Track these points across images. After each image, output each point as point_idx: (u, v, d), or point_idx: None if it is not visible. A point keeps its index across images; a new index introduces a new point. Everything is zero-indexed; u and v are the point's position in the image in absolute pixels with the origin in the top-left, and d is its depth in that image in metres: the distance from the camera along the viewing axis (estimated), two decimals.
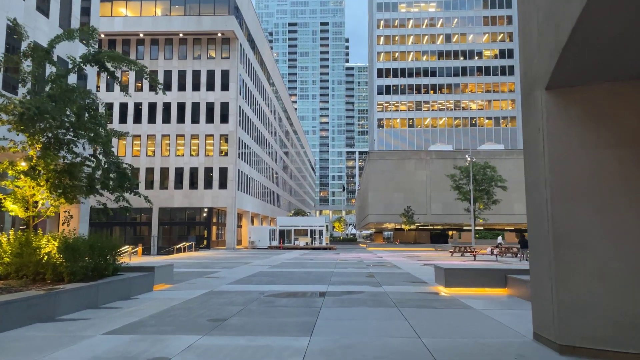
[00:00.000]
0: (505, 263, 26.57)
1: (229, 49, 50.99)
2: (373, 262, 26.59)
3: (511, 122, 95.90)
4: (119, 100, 50.63)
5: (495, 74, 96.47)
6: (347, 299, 11.48)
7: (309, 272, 19.19)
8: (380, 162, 66.33)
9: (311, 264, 24.62)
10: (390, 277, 17.06)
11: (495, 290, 12.65)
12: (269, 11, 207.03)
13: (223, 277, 16.89)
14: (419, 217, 62.15)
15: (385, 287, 13.85)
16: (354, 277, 17.43)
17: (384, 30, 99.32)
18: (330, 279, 16.45)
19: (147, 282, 12.56)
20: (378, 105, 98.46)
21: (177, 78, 50.78)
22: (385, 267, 22.60)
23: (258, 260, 28.70)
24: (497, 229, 63.14)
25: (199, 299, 11.23)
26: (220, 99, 50.34)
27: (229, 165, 49.47)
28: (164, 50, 51.24)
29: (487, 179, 51.48)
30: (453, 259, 31.21)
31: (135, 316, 8.94)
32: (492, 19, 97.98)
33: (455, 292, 12.58)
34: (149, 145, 50.31)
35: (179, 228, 50.62)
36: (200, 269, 20.87)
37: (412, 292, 12.75)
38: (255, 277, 16.90)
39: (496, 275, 12.72)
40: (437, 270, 13.77)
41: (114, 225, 50.88)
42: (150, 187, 49.50)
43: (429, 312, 9.53)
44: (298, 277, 17.21)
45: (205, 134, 50.11)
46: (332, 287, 13.91)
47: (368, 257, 33.49)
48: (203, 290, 12.83)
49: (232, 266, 22.94)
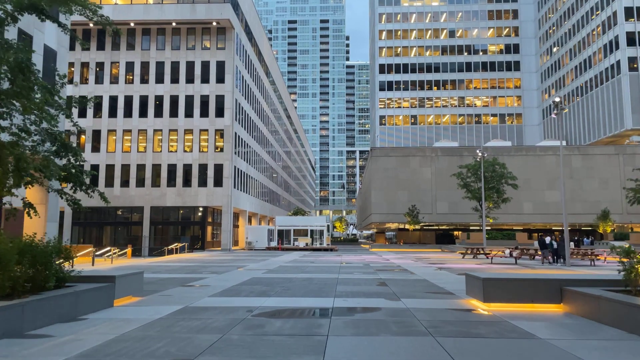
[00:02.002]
0: (527, 267, 23.85)
1: (224, 39, 48.27)
2: (380, 266, 23.88)
3: (517, 119, 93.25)
4: (109, 93, 47.92)
5: (500, 70, 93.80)
6: (362, 320, 8.76)
7: (310, 279, 16.49)
8: (383, 159, 63.58)
9: (312, 268, 21.91)
10: (407, 286, 14.35)
11: (547, 306, 9.95)
12: (269, 8, 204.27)
13: (208, 286, 14.17)
14: (424, 216, 59.37)
15: (406, 300, 11.14)
16: (363, 285, 14.72)
17: (386, 25, 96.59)
18: (336, 288, 13.74)
19: (103, 296, 9.85)
20: (380, 102, 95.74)
21: (170, 70, 48.06)
22: (396, 272, 19.90)
23: (253, 263, 25.99)
24: (505, 229, 60.37)
25: (165, 322, 8.50)
26: (215, 92, 47.61)
27: (225, 162, 46.74)
28: (156, 41, 48.51)
29: (496, 176, 48.72)
30: (465, 261, 28.52)
31: (59, 354, 6.22)
32: (497, 12, 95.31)
33: (497, 308, 9.87)
34: (140, 140, 47.57)
35: (173, 228, 47.90)
36: (185, 275, 18.16)
37: (442, 309, 10.03)
38: (246, 286, 14.18)
39: (548, 287, 10.01)
40: (470, 280, 11.05)
41: (105, 225, 48.24)
42: (142, 184, 46.78)
43: (482, 346, 6.80)
44: (297, 285, 14.49)
45: (200, 128, 47.38)
46: (340, 300, 11.20)
47: (373, 259, 30.79)
48: (176, 307, 10.12)
49: (223, 271, 20.23)
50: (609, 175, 59.92)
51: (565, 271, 21.13)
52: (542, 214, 60.79)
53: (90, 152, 47.22)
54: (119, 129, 47.57)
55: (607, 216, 55.26)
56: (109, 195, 46.29)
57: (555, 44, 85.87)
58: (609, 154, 60.83)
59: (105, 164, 47.19)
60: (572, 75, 79.07)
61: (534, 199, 60.53)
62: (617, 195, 59.02)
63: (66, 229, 46.71)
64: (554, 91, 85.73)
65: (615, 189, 59.33)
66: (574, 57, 78.78)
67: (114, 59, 48.38)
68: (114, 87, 48.05)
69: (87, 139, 47.47)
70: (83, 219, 47.64)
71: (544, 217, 61.28)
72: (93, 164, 47.19)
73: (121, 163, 47.20)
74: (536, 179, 60.40)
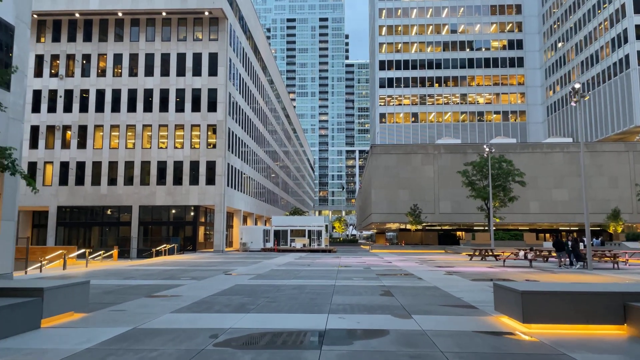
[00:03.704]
0: (545, 270, 21.50)
1: (217, 30, 45.92)
2: (383, 270, 21.51)
3: (520, 117, 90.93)
4: (95, 87, 45.57)
5: (503, 66, 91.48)
6: (364, 353, 6.38)
7: (302, 287, 14.12)
8: (384, 157, 61.21)
9: (306, 273, 19.55)
10: (417, 296, 11.99)
11: (606, 328, 7.61)
12: (267, 7, 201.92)
13: (178, 297, 11.80)
14: (426, 216, 57.04)
15: (419, 318, 8.77)
16: (364, 294, 12.36)
17: (386, 20, 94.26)
18: (331, 299, 11.38)
19: (26, 314, 7.49)
20: (380, 100, 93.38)
21: (160, 62, 45.71)
22: (401, 278, 17.54)
23: (243, 266, 23.61)
24: (511, 229, 58.03)
25: (90, 356, 6.14)
26: (207, 85, 45.26)
27: (218, 159, 44.37)
28: (145, 32, 46.14)
29: (503, 173, 46.40)
30: (474, 264, 26.17)
31: None
32: (500, 7, 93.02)
33: (542, 332, 7.51)
34: (128, 136, 45.19)
35: (163, 228, 45.47)
36: (159, 281, 15.79)
37: (469, 332, 7.66)
38: (223, 297, 11.81)
39: (607, 303, 7.65)
40: (502, 292, 8.67)
41: (93, 226, 45.86)
42: (130, 183, 44.40)
43: None
44: (285, 296, 12.13)
45: (191, 123, 45.01)
46: (335, 318, 8.84)
47: (374, 261, 28.42)
48: (121, 329, 7.75)
49: (205, 276, 17.87)
50: (618, 173, 57.62)
51: (591, 276, 18.78)
52: (549, 213, 58.46)
53: (76, 148, 44.90)
54: (107, 124, 45.20)
55: (618, 215, 52.94)
56: (95, 193, 44.38)
57: (560, 39, 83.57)
58: (619, 151, 58.53)
59: (92, 161, 44.81)
60: (578, 70, 76.76)
61: (541, 198, 58.20)
62: (626, 193, 56.76)
63: (50, 230, 44.36)
64: (559, 88, 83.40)
65: (625, 187, 57.05)
66: (580, 52, 76.48)
67: (101, 50, 46.02)
68: (101, 81, 45.68)
69: (73, 134, 45.09)
70: (69, 219, 45.30)
71: (551, 217, 58.95)
72: (79, 161, 44.87)
73: (108, 160, 44.82)
74: (543, 177, 58.10)
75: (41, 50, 46.06)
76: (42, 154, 44.97)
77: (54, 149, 45.03)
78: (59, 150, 45.02)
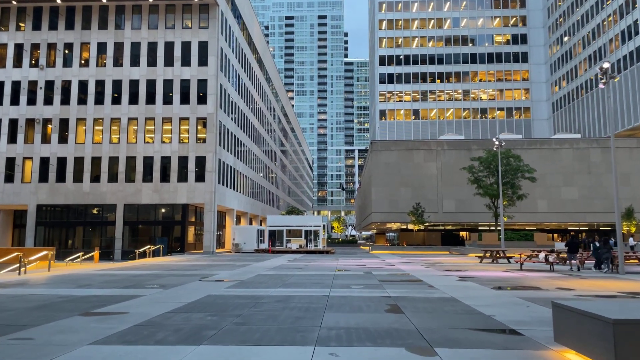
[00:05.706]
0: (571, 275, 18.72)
1: (207, 17, 43.14)
2: (386, 274, 18.74)
3: (525, 114, 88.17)
4: (78, 78, 42.79)
5: (507, 61, 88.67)
6: None
7: (288, 299, 11.34)
8: (384, 154, 58.40)
9: (297, 279, 16.77)
10: (434, 314, 9.21)
11: None
12: (265, 4, 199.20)
13: (122, 315, 9.01)
14: (429, 215, 54.19)
15: (446, 354, 6.00)
16: (365, 312, 9.57)
17: (386, 14, 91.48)
18: (322, 319, 8.60)
19: None
20: (380, 96, 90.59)
21: (146, 51, 42.92)
22: (409, 286, 14.75)
23: (227, 270, 20.83)
24: (518, 228, 55.19)
25: None
26: (197, 76, 42.50)
27: (208, 154, 41.59)
28: (131, 19, 43.35)
29: (511, 169, 43.65)
30: (487, 267, 23.42)
31: None
32: (504, 1, 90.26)
33: None
34: (112, 130, 42.38)
35: (150, 228, 42.67)
36: (116, 291, 13.00)
37: None
38: (179, 316, 9.01)
39: None
40: (570, 318, 5.88)
41: (76, 226, 43.06)
42: (114, 179, 41.61)
43: None
44: (263, 314, 9.34)
45: (180, 117, 42.23)
46: (324, 356, 6.06)
47: (375, 264, 25.64)
48: None
49: (176, 283, 15.08)
50: (630, 169, 54.80)
51: (634, 283, 16.00)
52: (558, 212, 55.68)
53: (57, 143, 42.12)
54: (90, 117, 42.41)
55: (631, 214, 50.18)
56: (77, 191, 41.49)
57: (565, 33, 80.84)
58: (631, 147, 55.78)
59: (74, 157, 42.03)
60: (586, 65, 74.03)
61: (549, 196, 55.42)
62: (639, 191, 54.04)
63: (29, 230, 41.57)
64: (564, 83, 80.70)
65: (637, 185, 54.28)
66: (587, 46, 73.76)
67: (85, 39, 43.23)
68: (84, 71, 42.90)
69: (54, 128, 42.31)
70: (50, 219, 42.51)
71: (560, 216, 56.17)
72: (60, 156, 42.07)
73: (91, 155, 42.03)
74: (551, 174, 55.32)
75: (20, 39, 43.30)
76: (21, 149, 42.19)
77: (34, 144, 42.25)
78: (39, 145, 42.22)
